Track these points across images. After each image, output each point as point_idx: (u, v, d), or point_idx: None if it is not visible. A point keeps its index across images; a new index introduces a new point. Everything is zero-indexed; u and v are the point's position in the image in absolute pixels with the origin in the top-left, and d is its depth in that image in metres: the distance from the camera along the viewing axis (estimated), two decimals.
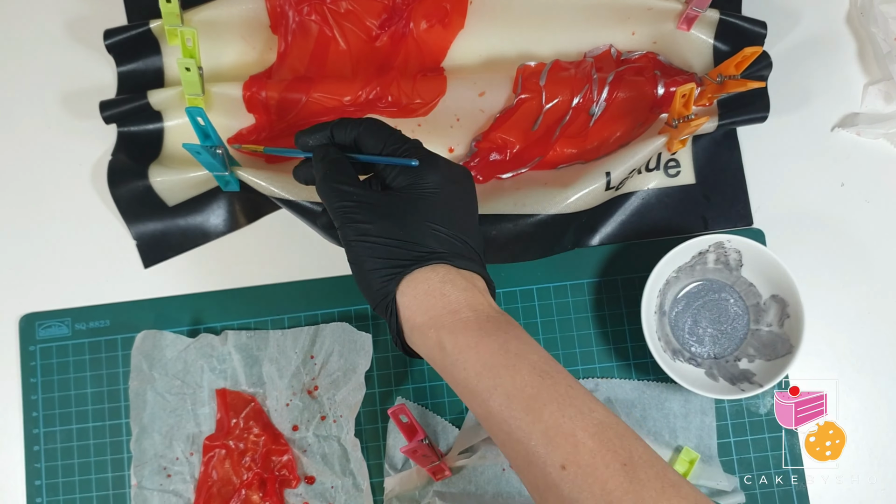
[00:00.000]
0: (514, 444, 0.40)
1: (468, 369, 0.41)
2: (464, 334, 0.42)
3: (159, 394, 0.59)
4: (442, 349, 0.42)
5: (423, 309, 0.43)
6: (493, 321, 0.43)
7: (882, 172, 0.63)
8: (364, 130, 0.48)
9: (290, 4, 0.62)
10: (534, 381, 0.40)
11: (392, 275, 0.44)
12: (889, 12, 0.62)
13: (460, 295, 0.43)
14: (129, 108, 0.62)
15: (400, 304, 0.44)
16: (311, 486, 0.58)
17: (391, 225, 0.44)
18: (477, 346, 0.41)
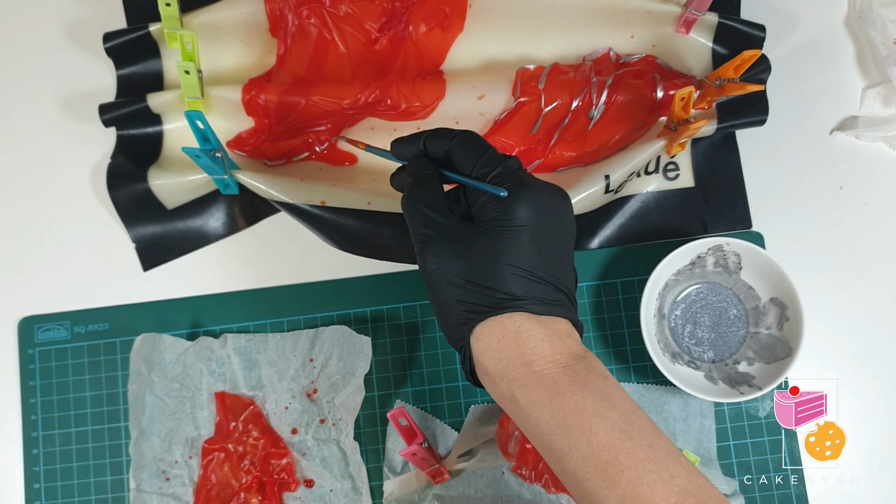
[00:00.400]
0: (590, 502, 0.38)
1: (541, 426, 0.39)
2: (536, 389, 0.40)
3: (158, 397, 0.59)
4: (514, 402, 0.40)
5: (496, 358, 0.41)
6: (570, 373, 0.40)
7: (880, 175, 0.63)
8: (456, 145, 0.45)
9: (289, 8, 0.62)
10: (611, 445, 0.38)
11: (467, 319, 0.42)
12: (888, 16, 0.62)
13: (536, 345, 0.41)
14: (128, 111, 0.62)
15: (473, 349, 0.42)
16: (311, 490, 0.58)
17: (470, 266, 0.41)
18: (551, 402, 0.39)
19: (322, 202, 0.59)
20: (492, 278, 0.41)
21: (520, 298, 0.41)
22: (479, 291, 0.41)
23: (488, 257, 0.41)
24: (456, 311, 0.42)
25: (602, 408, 0.39)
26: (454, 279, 0.41)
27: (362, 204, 0.59)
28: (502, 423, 0.57)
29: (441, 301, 0.42)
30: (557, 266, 0.43)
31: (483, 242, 0.42)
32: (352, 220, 0.59)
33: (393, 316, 0.62)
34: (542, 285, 0.42)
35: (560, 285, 0.42)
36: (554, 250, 0.43)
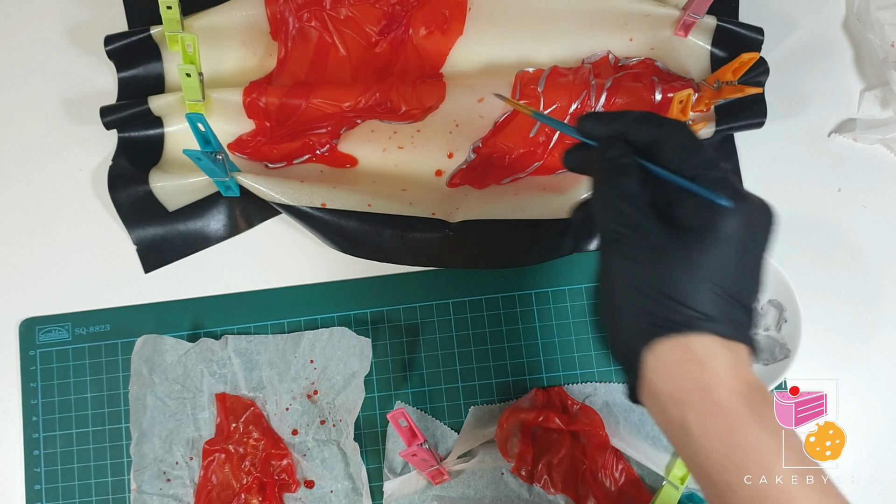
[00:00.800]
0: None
1: (711, 458, 0.36)
2: (714, 420, 0.36)
3: (159, 398, 0.59)
4: (685, 429, 0.37)
5: (671, 378, 0.37)
6: (749, 404, 0.37)
7: (878, 177, 0.64)
8: (668, 134, 0.39)
9: (290, 11, 0.63)
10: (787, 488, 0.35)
11: (648, 331, 0.37)
12: (885, 18, 0.62)
13: (721, 372, 0.37)
14: (129, 113, 0.62)
15: (646, 366, 0.38)
16: (311, 490, 0.58)
17: (665, 274, 0.37)
18: (729, 434, 0.36)
19: (322, 204, 0.59)
20: (687, 293, 0.37)
21: (713, 320, 0.37)
22: (668, 305, 0.37)
23: (688, 269, 0.37)
24: (636, 322, 0.38)
25: (778, 446, 0.36)
26: (643, 286, 0.37)
27: (363, 206, 0.60)
28: (501, 425, 0.57)
29: (620, 308, 0.38)
30: (752, 292, 0.39)
31: (685, 253, 0.37)
32: (352, 222, 0.59)
33: (393, 317, 0.62)
34: (738, 308, 0.38)
35: (750, 310, 0.39)
36: (754, 273, 0.39)
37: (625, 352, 0.39)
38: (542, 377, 0.61)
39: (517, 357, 0.61)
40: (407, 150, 0.64)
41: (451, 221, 0.60)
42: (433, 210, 0.60)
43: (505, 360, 0.61)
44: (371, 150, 0.64)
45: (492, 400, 0.61)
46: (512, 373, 0.61)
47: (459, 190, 0.63)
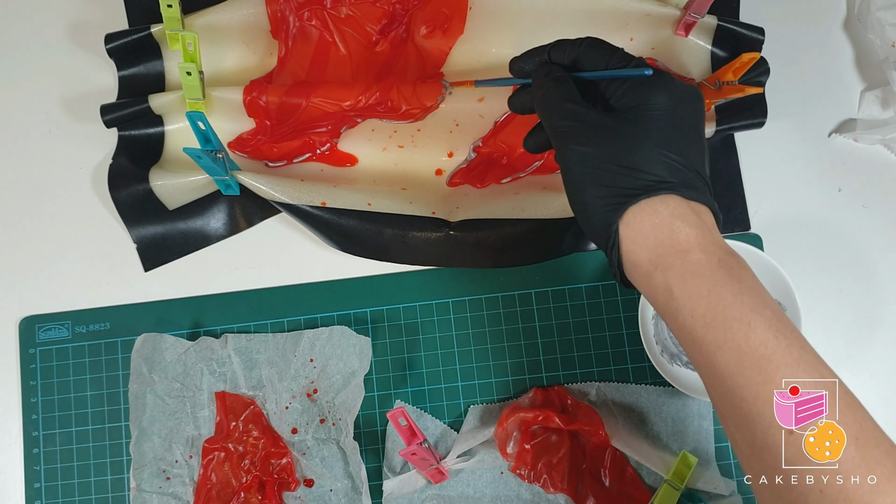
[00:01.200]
0: (736, 399, 0.38)
1: (696, 318, 0.39)
2: (694, 280, 0.39)
3: (159, 397, 0.60)
4: (668, 293, 0.39)
5: (649, 245, 0.40)
6: (724, 266, 0.39)
7: (879, 178, 0.64)
8: (587, 48, 0.45)
9: (290, 9, 0.63)
10: (768, 340, 0.37)
11: (616, 205, 0.40)
12: (886, 18, 0.62)
13: (691, 232, 0.40)
14: (129, 111, 0.62)
15: (623, 237, 0.41)
16: (310, 489, 0.58)
17: (617, 149, 0.40)
18: (710, 293, 0.38)
19: (322, 203, 0.59)
20: (640, 160, 0.40)
21: (671, 183, 0.40)
22: (628, 175, 0.40)
23: (635, 142, 0.41)
24: (603, 199, 0.40)
25: (758, 304, 0.38)
26: (600, 164, 0.40)
27: (363, 205, 0.60)
28: (501, 424, 0.57)
29: (586, 190, 0.41)
30: (698, 157, 0.42)
31: (629, 128, 0.41)
32: (352, 221, 0.59)
33: (393, 316, 0.62)
34: (688, 172, 0.41)
35: (702, 172, 0.42)
36: (695, 140, 0.42)
37: (601, 232, 0.41)
38: (541, 376, 0.61)
39: (517, 356, 0.61)
40: (407, 149, 0.64)
41: (451, 221, 0.60)
42: (433, 209, 0.60)
43: (505, 359, 0.61)
44: (371, 149, 0.64)
45: (491, 399, 0.61)
46: (511, 372, 0.61)
47: (459, 189, 0.63)
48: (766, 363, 0.37)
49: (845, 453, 0.35)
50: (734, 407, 0.38)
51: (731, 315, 0.38)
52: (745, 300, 0.38)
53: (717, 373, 0.38)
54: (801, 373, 0.37)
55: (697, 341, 0.39)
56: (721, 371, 0.38)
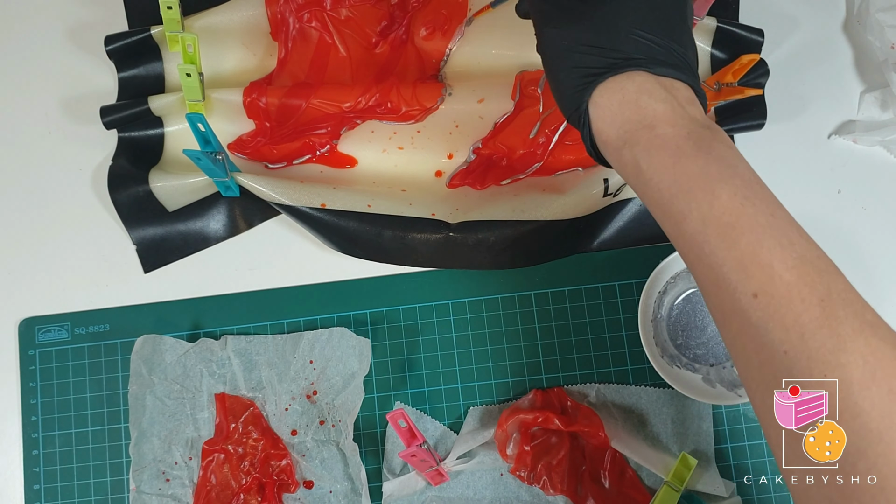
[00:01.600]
0: (704, 268, 0.38)
1: (662, 190, 0.39)
2: (659, 153, 0.39)
3: (158, 398, 0.59)
4: (635, 167, 0.40)
5: (617, 123, 0.41)
6: (693, 138, 0.39)
7: (878, 179, 0.64)
8: None
9: (290, 11, 0.63)
10: (733, 208, 0.37)
11: (585, 84, 0.41)
12: (885, 20, 0.63)
13: (658, 107, 0.40)
14: (129, 113, 0.62)
15: (592, 116, 0.42)
16: (310, 491, 0.58)
17: (586, 29, 0.41)
18: (675, 165, 0.39)
19: (322, 205, 0.59)
20: (608, 39, 0.41)
21: (636, 59, 0.41)
22: (596, 54, 0.41)
23: (605, 22, 0.41)
24: (572, 77, 0.41)
25: (726, 174, 0.38)
26: (571, 45, 0.41)
27: (362, 206, 0.60)
28: (501, 426, 0.57)
29: (558, 70, 0.42)
30: (676, 32, 0.42)
31: (598, 9, 0.42)
32: (352, 223, 0.59)
33: (392, 318, 0.62)
34: (659, 48, 0.41)
35: (678, 51, 0.42)
36: (673, 17, 0.42)
37: (573, 110, 0.42)
38: (541, 378, 0.61)
39: (517, 358, 0.61)
40: (407, 150, 0.64)
41: (451, 222, 0.60)
42: (433, 211, 0.60)
43: (504, 361, 0.61)
44: (371, 151, 0.64)
45: (491, 401, 0.61)
46: (511, 374, 0.61)
47: (459, 191, 0.63)
48: (729, 230, 0.37)
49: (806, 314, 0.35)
50: (703, 274, 0.38)
51: (696, 184, 0.38)
52: (711, 170, 0.38)
53: (686, 242, 0.39)
54: (767, 237, 0.36)
55: (666, 213, 0.40)
56: (689, 240, 0.39)
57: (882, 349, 0.34)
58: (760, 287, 0.36)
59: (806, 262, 0.36)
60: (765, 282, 0.36)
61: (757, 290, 0.36)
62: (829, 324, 0.34)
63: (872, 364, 0.33)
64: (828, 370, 0.34)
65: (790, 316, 0.35)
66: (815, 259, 0.37)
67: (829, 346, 0.34)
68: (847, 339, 0.34)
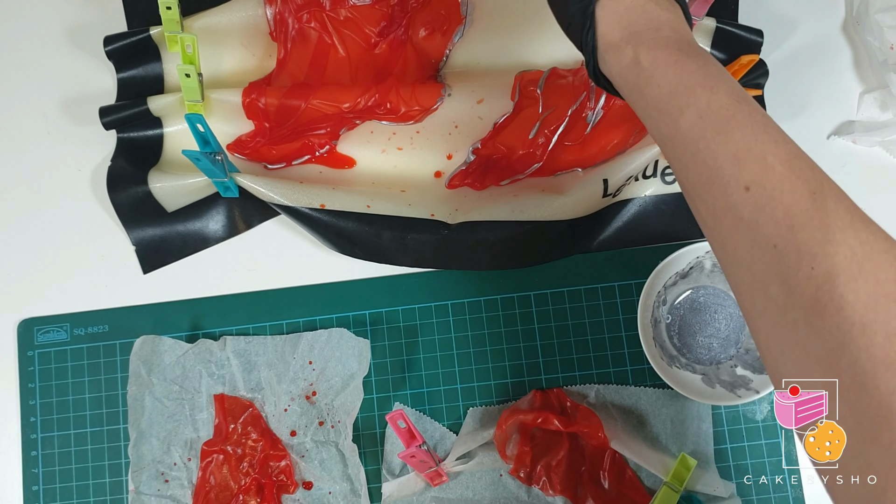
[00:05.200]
0: (697, 165, 0.38)
1: (662, 86, 0.40)
2: (663, 51, 0.40)
3: (157, 399, 0.59)
4: (637, 65, 0.41)
5: (624, 24, 0.42)
6: (692, 45, 0.41)
7: (878, 180, 0.64)
8: None
9: (289, 12, 0.63)
10: (730, 104, 0.38)
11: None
12: (884, 21, 0.63)
13: (662, 14, 0.42)
14: (128, 114, 0.62)
15: (598, 19, 0.43)
16: (309, 492, 0.58)
17: None
18: (676, 62, 0.40)
19: (321, 205, 0.59)
20: None
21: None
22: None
23: None
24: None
25: (723, 76, 0.39)
26: None
27: (361, 207, 0.60)
28: (500, 426, 0.57)
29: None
30: None
31: None
32: (351, 224, 0.59)
33: (392, 319, 0.62)
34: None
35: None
36: None
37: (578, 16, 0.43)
38: (540, 379, 0.61)
39: (516, 359, 0.61)
40: (406, 151, 0.64)
41: (451, 223, 0.60)
42: (432, 211, 0.60)
43: (504, 361, 0.61)
44: (370, 152, 0.64)
45: (490, 401, 0.61)
46: (511, 374, 0.61)
47: (459, 191, 0.63)
48: (726, 123, 0.37)
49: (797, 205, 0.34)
50: (697, 173, 0.38)
51: (695, 81, 0.39)
52: (710, 70, 0.39)
53: (682, 138, 0.39)
54: (762, 132, 0.37)
55: (662, 109, 0.40)
56: (684, 135, 0.39)
57: (871, 242, 0.33)
58: (753, 179, 0.36)
59: (799, 157, 0.36)
60: (758, 173, 0.36)
61: (749, 183, 0.36)
62: (819, 216, 0.34)
63: (861, 256, 0.33)
64: (815, 263, 0.33)
65: (781, 208, 0.35)
66: (806, 157, 0.37)
67: (818, 238, 0.33)
68: (836, 230, 0.33)
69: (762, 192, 0.35)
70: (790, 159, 0.36)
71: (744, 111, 0.38)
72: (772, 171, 0.35)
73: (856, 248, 0.33)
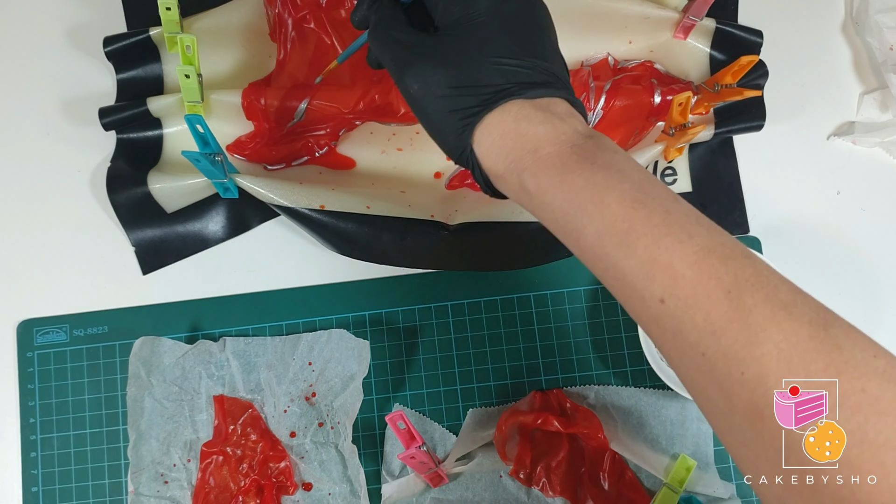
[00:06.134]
0: (611, 279, 0.37)
1: (555, 210, 0.38)
2: (545, 174, 0.39)
3: (157, 400, 0.59)
4: (526, 193, 0.39)
5: (503, 154, 0.40)
6: (577, 151, 0.39)
7: (877, 181, 0.64)
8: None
9: (289, 12, 0.63)
10: (625, 214, 0.36)
11: (463, 126, 0.40)
12: (884, 22, 0.63)
13: (538, 129, 0.39)
14: (128, 114, 0.62)
15: (479, 155, 0.41)
16: (309, 493, 0.58)
17: (450, 73, 0.40)
18: (561, 184, 0.38)
19: (321, 206, 0.59)
20: (474, 75, 0.40)
21: (507, 88, 0.40)
22: (465, 94, 0.40)
23: (465, 57, 0.40)
24: (450, 123, 0.41)
25: (613, 180, 0.37)
26: (438, 91, 0.40)
27: (361, 208, 0.60)
28: (500, 427, 0.57)
29: (433, 119, 0.41)
30: (539, 50, 0.41)
31: (456, 44, 0.41)
32: (351, 224, 0.59)
33: (391, 320, 0.62)
34: (526, 70, 0.40)
35: (545, 66, 0.41)
36: (532, 34, 0.42)
37: (458, 154, 0.42)
38: (540, 380, 0.61)
39: (516, 360, 0.61)
40: (406, 151, 0.64)
41: (450, 224, 0.60)
42: (432, 212, 0.60)
43: (503, 362, 0.61)
44: (370, 152, 0.64)
45: (490, 403, 0.61)
46: (510, 375, 0.61)
47: (458, 192, 0.63)
48: (625, 237, 0.36)
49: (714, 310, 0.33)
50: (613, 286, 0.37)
51: (584, 198, 0.37)
52: (597, 180, 0.37)
53: (588, 257, 0.38)
54: (664, 237, 0.35)
55: (563, 231, 0.39)
56: (591, 255, 0.38)
57: (795, 332, 0.32)
58: (665, 291, 0.35)
59: (709, 253, 0.34)
60: (668, 284, 0.35)
61: (663, 295, 0.35)
62: (739, 316, 0.33)
63: (787, 351, 0.32)
64: (744, 367, 0.32)
65: (700, 315, 0.34)
66: (719, 246, 0.35)
67: (742, 342, 0.32)
68: (758, 329, 0.32)
69: (677, 302, 0.34)
70: (698, 259, 0.34)
71: (640, 217, 0.36)
72: (682, 278, 0.34)
73: (781, 344, 0.32)
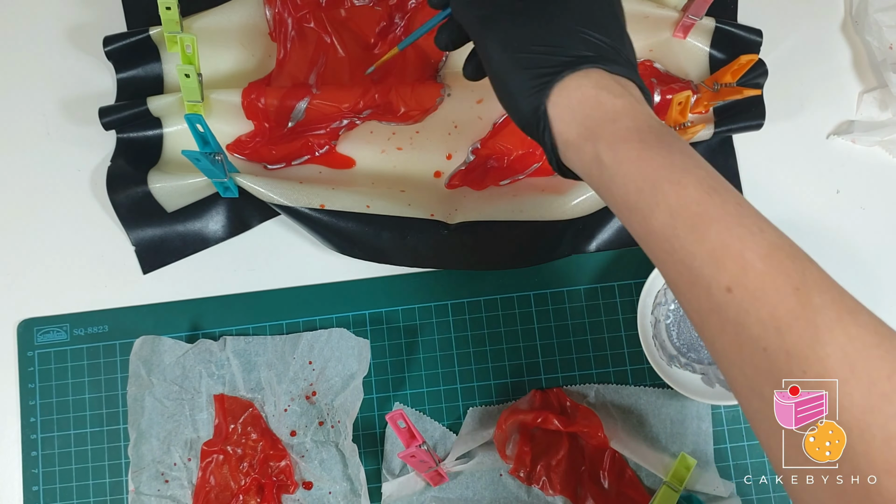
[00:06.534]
0: (676, 264, 0.36)
1: (628, 185, 0.38)
2: (624, 146, 0.38)
3: (157, 399, 0.59)
4: (599, 163, 0.39)
5: (578, 120, 0.39)
6: (654, 132, 0.39)
7: (877, 179, 0.64)
8: None
9: (289, 12, 0.63)
10: (700, 198, 0.36)
11: (541, 86, 0.40)
12: (883, 21, 0.63)
13: (617, 102, 0.39)
14: (128, 114, 0.62)
15: (552, 117, 0.40)
16: (309, 492, 0.58)
17: (534, 30, 0.40)
18: (639, 158, 0.38)
19: (321, 205, 0.59)
20: (559, 38, 0.40)
21: (590, 56, 0.40)
22: (548, 53, 0.40)
23: (552, 20, 0.41)
24: (526, 81, 0.40)
25: (690, 164, 0.37)
26: (521, 47, 0.40)
27: (361, 207, 0.60)
28: (500, 426, 0.57)
29: (509, 78, 0.41)
30: (616, 32, 0.42)
31: (544, 8, 0.41)
32: (351, 224, 0.59)
33: (391, 318, 0.62)
34: (608, 47, 0.41)
35: (623, 51, 0.42)
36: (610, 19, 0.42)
37: (531, 118, 0.41)
38: (540, 378, 0.61)
39: (516, 359, 0.61)
40: (406, 151, 0.64)
41: (450, 223, 0.60)
42: (432, 211, 0.60)
43: (503, 361, 0.61)
44: (370, 152, 0.64)
45: (490, 401, 0.61)
46: (511, 374, 0.61)
47: (458, 191, 0.63)
48: (698, 221, 0.36)
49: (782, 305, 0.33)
50: (676, 272, 0.37)
51: (661, 176, 0.37)
52: (675, 160, 0.37)
53: (655, 238, 0.37)
54: (736, 226, 0.35)
55: (632, 209, 0.38)
56: (658, 235, 0.37)
57: (861, 337, 0.32)
58: (734, 279, 0.34)
59: (778, 249, 0.35)
60: (738, 273, 0.34)
61: (731, 284, 0.34)
62: (806, 314, 0.33)
63: (852, 355, 0.32)
64: (807, 366, 0.32)
65: (766, 309, 0.33)
66: (788, 246, 0.35)
67: (807, 340, 0.32)
68: (825, 329, 0.32)
69: (745, 293, 0.34)
70: (769, 252, 0.34)
71: (715, 203, 0.36)
72: (752, 268, 0.34)
73: (846, 347, 0.32)
